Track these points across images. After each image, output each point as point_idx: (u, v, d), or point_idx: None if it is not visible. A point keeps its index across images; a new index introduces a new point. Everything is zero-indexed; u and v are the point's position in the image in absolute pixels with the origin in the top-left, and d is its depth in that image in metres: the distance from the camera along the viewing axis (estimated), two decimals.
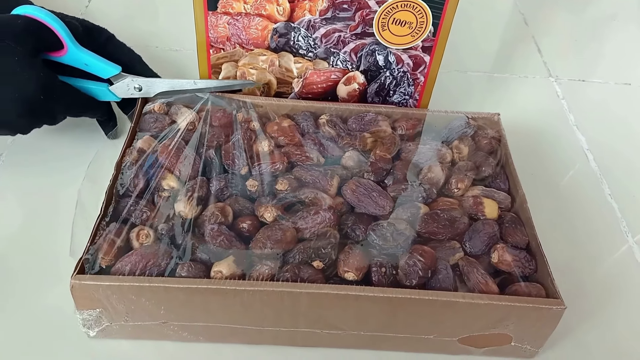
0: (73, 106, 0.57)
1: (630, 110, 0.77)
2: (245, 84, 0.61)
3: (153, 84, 0.59)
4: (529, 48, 0.86)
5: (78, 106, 0.58)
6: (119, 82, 0.58)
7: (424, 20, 0.56)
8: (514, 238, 0.49)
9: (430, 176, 0.53)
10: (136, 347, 0.47)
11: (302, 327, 0.45)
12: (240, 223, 0.48)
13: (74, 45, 0.57)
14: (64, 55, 0.57)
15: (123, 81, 0.58)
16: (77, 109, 0.58)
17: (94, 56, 0.58)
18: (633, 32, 0.94)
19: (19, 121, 0.53)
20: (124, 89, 0.59)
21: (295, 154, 0.54)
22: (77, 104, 0.57)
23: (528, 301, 0.43)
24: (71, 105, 0.57)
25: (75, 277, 0.42)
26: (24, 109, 0.52)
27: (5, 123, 0.53)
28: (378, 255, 0.47)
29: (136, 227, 0.47)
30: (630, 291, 0.55)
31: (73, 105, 0.57)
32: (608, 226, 0.61)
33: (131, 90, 0.59)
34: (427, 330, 0.46)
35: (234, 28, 0.59)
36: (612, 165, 0.67)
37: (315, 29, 0.59)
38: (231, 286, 0.42)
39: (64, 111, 0.56)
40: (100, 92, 0.59)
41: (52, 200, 0.56)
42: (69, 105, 0.56)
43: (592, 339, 0.50)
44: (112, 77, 0.58)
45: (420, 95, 0.63)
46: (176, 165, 0.52)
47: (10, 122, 0.53)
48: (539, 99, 0.77)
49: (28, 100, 0.52)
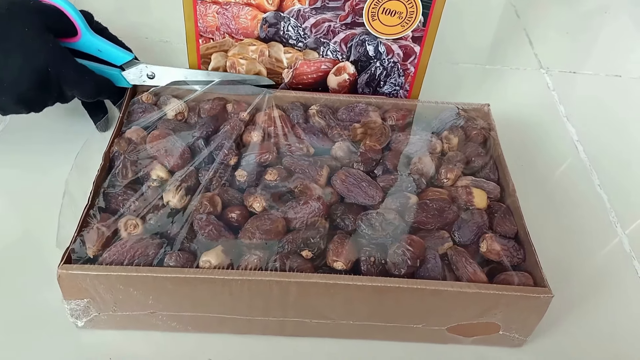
0: (84, 84, 0.56)
1: (621, 102, 0.77)
2: (259, 79, 0.61)
3: (166, 72, 0.59)
4: (520, 40, 0.86)
5: (90, 84, 0.56)
6: (132, 69, 0.58)
7: (413, 10, 0.56)
8: (503, 228, 0.50)
9: (420, 166, 0.53)
10: (125, 337, 0.47)
11: (291, 316, 0.45)
12: (229, 213, 0.48)
13: (87, 31, 0.56)
14: (78, 41, 0.57)
15: (137, 67, 0.58)
16: (88, 87, 0.56)
17: (107, 42, 0.58)
18: (624, 24, 0.94)
19: (30, 94, 0.52)
20: (137, 75, 0.58)
21: (285, 144, 0.54)
22: (89, 82, 0.56)
23: (516, 290, 0.43)
24: (82, 82, 0.56)
25: (62, 266, 0.42)
26: (34, 80, 0.51)
27: (17, 95, 0.52)
28: (367, 245, 0.47)
29: (124, 217, 0.47)
30: (619, 281, 0.55)
31: (84, 82, 0.56)
32: (597, 217, 0.61)
33: (143, 77, 0.59)
34: (415, 319, 0.46)
35: (223, 17, 0.59)
36: (602, 157, 0.68)
37: (305, 19, 0.58)
38: (220, 275, 0.42)
39: (73, 87, 0.55)
40: (113, 77, 0.58)
41: (40, 190, 0.56)
42: (80, 82, 0.55)
43: (581, 328, 0.51)
44: (125, 63, 0.58)
45: (410, 86, 0.63)
46: (165, 156, 0.52)
47: (22, 94, 0.52)
48: (530, 91, 0.77)
49: (38, 70, 0.51)
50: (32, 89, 0.52)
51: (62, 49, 0.54)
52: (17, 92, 0.52)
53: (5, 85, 0.51)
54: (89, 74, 0.56)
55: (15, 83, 0.51)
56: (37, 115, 0.57)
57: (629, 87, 0.80)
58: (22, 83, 0.51)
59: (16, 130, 0.62)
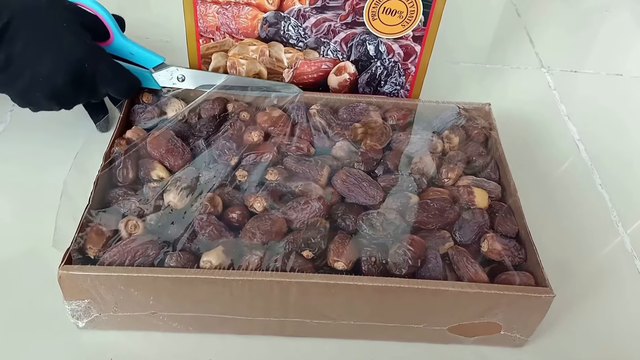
0: (119, 81, 0.56)
1: (622, 101, 0.77)
2: (286, 86, 0.61)
3: (196, 76, 0.59)
4: (521, 39, 0.86)
5: (124, 82, 0.56)
6: (163, 71, 0.59)
7: (414, 10, 0.56)
8: (504, 227, 0.49)
9: (421, 166, 0.53)
10: (126, 337, 0.47)
11: (291, 316, 0.45)
12: (230, 213, 0.48)
13: (120, 35, 0.57)
14: (111, 44, 0.57)
15: (167, 70, 0.59)
16: (122, 85, 0.56)
17: (139, 46, 0.58)
18: (625, 23, 0.94)
19: (65, 89, 0.52)
20: (167, 77, 0.59)
21: (286, 144, 0.54)
22: (124, 80, 0.56)
23: (517, 289, 0.43)
24: (117, 79, 0.56)
25: (63, 267, 0.42)
26: (70, 75, 0.51)
27: (52, 90, 0.52)
28: (368, 245, 0.47)
29: (125, 217, 0.47)
30: (620, 280, 0.55)
31: (119, 80, 0.56)
32: (599, 216, 0.61)
33: (174, 80, 0.59)
34: (416, 319, 0.46)
35: (223, 17, 0.59)
36: (603, 156, 0.67)
37: (305, 19, 0.58)
38: (220, 276, 0.42)
39: (107, 84, 0.55)
40: (144, 78, 0.59)
41: (41, 190, 0.56)
42: (115, 79, 0.55)
43: (582, 328, 0.51)
44: (156, 66, 0.59)
45: (411, 86, 0.63)
46: (165, 156, 0.52)
47: (56, 89, 0.52)
48: (531, 90, 0.77)
49: (74, 65, 0.51)
50: (67, 85, 0.52)
51: (98, 46, 0.54)
52: (52, 86, 0.52)
53: (40, 80, 0.51)
54: (123, 72, 0.56)
55: (50, 77, 0.51)
56: (37, 115, 0.57)
57: (630, 86, 0.80)
58: (57, 78, 0.51)
59: (18, 130, 0.62)
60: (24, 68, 0.50)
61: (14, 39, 0.49)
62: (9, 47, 0.49)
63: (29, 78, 0.50)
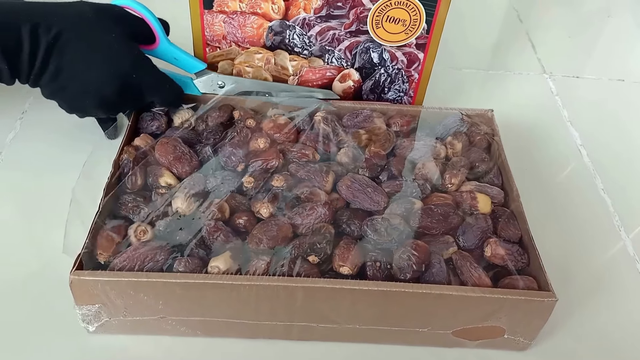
0: (164, 91, 0.57)
1: (624, 106, 0.77)
2: (326, 92, 0.62)
3: (236, 82, 0.60)
4: (523, 45, 0.87)
5: (169, 92, 0.57)
6: (204, 77, 0.60)
7: (417, 18, 0.57)
8: (507, 232, 0.50)
9: (424, 172, 0.54)
10: (135, 342, 0.47)
11: (297, 321, 0.46)
12: (237, 219, 0.49)
13: (165, 40, 0.58)
14: (156, 49, 0.58)
15: (208, 76, 0.60)
16: (167, 94, 0.57)
17: (183, 51, 0.59)
18: (627, 29, 0.94)
19: (113, 98, 0.54)
20: (208, 84, 0.60)
21: (291, 150, 0.55)
22: (169, 90, 0.57)
23: (520, 293, 0.44)
24: (163, 89, 0.57)
25: (74, 272, 0.43)
26: (119, 85, 0.53)
27: (100, 99, 0.54)
28: (373, 250, 0.47)
29: (134, 223, 0.48)
30: (623, 284, 0.55)
31: (164, 90, 0.57)
32: (601, 221, 0.61)
33: (214, 87, 0.60)
34: (421, 323, 0.46)
35: (229, 26, 0.60)
36: (606, 161, 0.68)
37: (310, 27, 0.59)
38: (228, 281, 0.43)
39: (153, 93, 0.56)
40: (184, 84, 0.60)
41: (52, 196, 0.57)
42: (161, 89, 0.57)
43: (585, 331, 0.51)
44: (198, 72, 0.60)
45: (414, 92, 0.64)
46: (173, 163, 0.52)
47: (105, 98, 0.53)
48: (533, 95, 0.77)
49: (122, 76, 0.53)
50: (115, 94, 0.53)
51: (145, 57, 0.56)
52: (100, 96, 0.53)
53: (89, 90, 0.53)
54: (169, 82, 0.57)
55: (100, 87, 0.53)
56: (47, 123, 0.58)
57: (632, 91, 0.80)
58: (106, 88, 0.53)
59: (27, 137, 0.63)
60: (73, 78, 0.52)
61: (64, 50, 0.50)
62: (59, 58, 0.50)
63: (78, 88, 0.52)
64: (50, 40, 0.49)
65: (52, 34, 0.49)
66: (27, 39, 0.49)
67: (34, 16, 0.49)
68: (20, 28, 0.48)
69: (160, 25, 0.58)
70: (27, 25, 0.49)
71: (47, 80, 0.51)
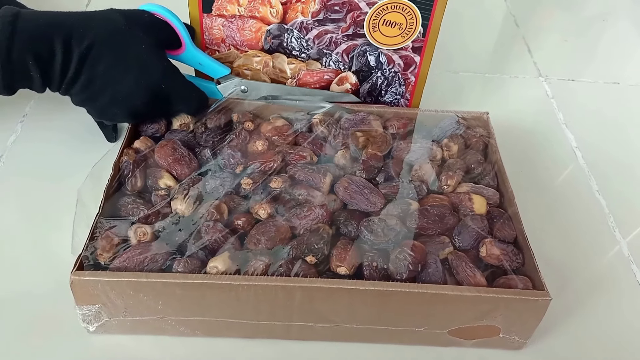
0: (192, 100, 0.58)
1: (619, 108, 0.78)
2: (345, 95, 0.63)
3: (258, 87, 0.61)
4: (520, 48, 0.88)
5: (196, 101, 0.58)
6: (227, 82, 0.61)
7: (413, 21, 0.58)
8: (502, 233, 0.51)
9: (421, 174, 0.55)
10: (135, 342, 0.48)
11: (296, 320, 0.47)
12: (236, 220, 0.49)
13: (191, 45, 0.59)
14: (182, 54, 0.59)
15: (231, 81, 0.60)
16: (195, 103, 0.58)
17: (208, 57, 0.60)
18: (622, 33, 0.95)
19: (142, 108, 0.55)
20: (231, 88, 0.61)
21: (289, 152, 0.56)
22: (196, 99, 0.58)
23: (515, 293, 0.45)
24: (190, 99, 0.57)
25: (75, 273, 0.43)
26: (148, 95, 0.54)
27: (129, 108, 0.54)
28: (370, 250, 0.48)
29: (134, 224, 0.48)
30: (618, 284, 0.56)
31: (192, 99, 0.58)
32: (596, 222, 0.62)
33: (237, 91, 0.61)
34: (417, 322, 0.47)
35: (228, 30, 0.60)
36: (601, 163, 0.69)
37: (308, 31, 0.60)
38: (226, 281, 0.44)
39: (181, 102, 0.57)
40: (208, 89, 0.60)
41: (53, 198, 0.57)
42: (189, 98, 0.57)
43: (580, 331, 0.52)
44: (221, 77, 0.60)
45: (411, 95, 0.65)
46: (173, 165, 0.53)
47: (134, 108, 0.54)
48: (529, 99, 0.78)
49: (152, 87, 0.54)
50: (144, 104, 0.54)
51: (174, 67, 0.56)
52: (130, 106, 0.54)
53: (120, 99, 0.53)
54: (196, 91, 0.58)
55: (129, 98, 0.53)
56: (48, 126, 0.58)
57: (627, 94, 0.81)
58: (136, 98, 0.54)
59: (28, 140, 0.64)
60: (104, 89, 0.52)
61: (96, 61, 0.51)
62: (91, 69, 0.51)
63: (109, 97, 0.53)
64: (83, 52, 0.50)
65: (84, 46, 0.50)
66: (59, 49, 0.49)
67: (66, 27, 0.50)
68: (53, 39, 0.49)
69: (186, 30, 0.58)
70: (60, 36, 0.49)
71: (78, 90, 0.52)
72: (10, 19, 0.48)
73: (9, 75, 0.49)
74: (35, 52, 0.49)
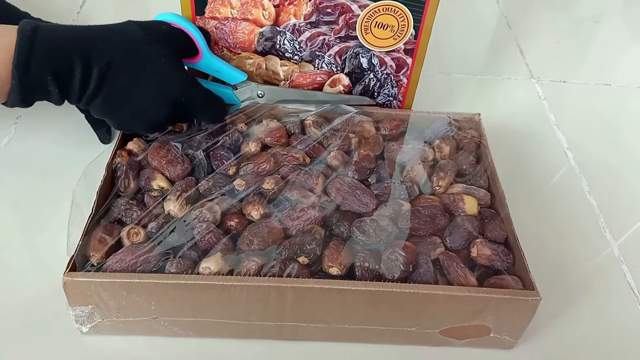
0: (212, 110, 0.58)
1: (610, 110, 0.79)
2: (360, 99, 0.63)
3: (274, 92, 0.61)
4: (512, 50, 0.88)
5: (216, 110, 0.58)
6: (244, 88, 0.61)
7: (405, 24, 0.58)
8: (493, 233, 0.51)
9: (413, 175, 0.55)
10: (128, 342, 0.48)
11: (288, 321, 0.47)
12: (228, 221, 0.50)
13: (208, 53, 0.59)
14: (199, 62, 0.59)
15: (248, 87, 0.61)
16: (214, 113, 0.58)
17: (225, 63, 0.60)
18: (613, 35, 0.96)
19: (160, 120, 0.55)
20: (248, 94, 0.61)
21: (282, 154, 0.56)
22: (215, 108, 0.58)
23: (505, 292, 0.45)
24: (210, 109, 0.58)
25: (68, 274, 0.43)
26: (168, 108, 0.54)
27: (149, 120, 0.54)
28: (361, 251, 0.48)
29: (127, 225, 0.49)
30: (608, 284, 0.56)
31: (212, 109, 0.58)
32: (587, 222, 0.62)
33: (254, 96, 0.61)
34: (409, 322, 0.47)
35: (221, 32, 0.61)
36: (592, 164, 0.69)
37: (300, 33, 0.60)
38: (219, 281, 0.44)
39: (200, 113, 0.57)
40: (225, 95, 0.60)
41: (46, 199, 0.58)
42: (208, 108, 0.58)
43: (570, 330, 0.52)
44: (238, 83, 0.61)
45: (403, 97, 0.65)
46: (166, 166, 0.53)
47: (153, 120, 0.54)
48: (521, 100, 0.79)
49: (172, 99, 0.54)
50: (164, 117, 0.54)
51: (193, 78, 0.56)
52: (150, 118, 0.54)
53: (140, 113, 0.53)
54: (215, 100, 0.58)
55: (149, 111, 0.53)
56: (41, 127, 0.58)
57: (618, 95, 0.82)
58: (156, 111, 0.54)
59: (22, 141, 0.64)
60: (125, 102, 0.52)
61: (116, 77, 0.51)
62: (111, 85, 0.51)
63: (129, 110, 0.53)
64: (103, 68, 0.50)
65: (104, 62, 0.50)
66: (79, 66, 0.49)
67: (85, 43, 0.50)
68: (72, 55, 0.49)
69: (203, 39, 0.58)
70: (79, 52, 0.49)
71: (98, 104, 0.52)
72: (30, 34, 0.47)
73: (27, 90, 0.48)
74: (54, 68, 0.48)
